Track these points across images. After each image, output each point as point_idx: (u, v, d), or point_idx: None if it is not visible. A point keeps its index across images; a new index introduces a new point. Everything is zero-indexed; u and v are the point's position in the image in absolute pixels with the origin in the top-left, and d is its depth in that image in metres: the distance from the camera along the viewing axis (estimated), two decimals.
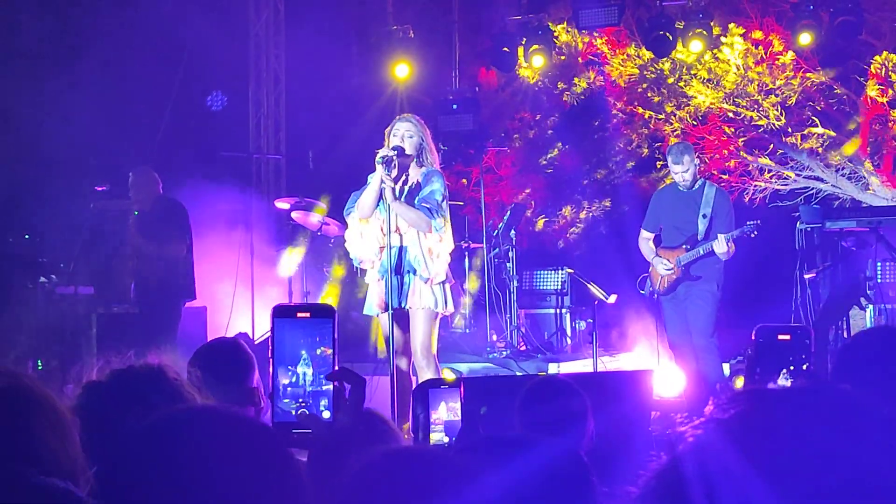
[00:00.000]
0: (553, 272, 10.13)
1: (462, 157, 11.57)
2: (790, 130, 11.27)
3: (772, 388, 1.13)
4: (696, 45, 10.17)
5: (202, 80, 10.73)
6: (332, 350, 2.11)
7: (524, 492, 1.20)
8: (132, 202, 8.09)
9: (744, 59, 11.03)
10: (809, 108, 11.16)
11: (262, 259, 9.78)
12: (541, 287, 10.15)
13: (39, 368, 8.02)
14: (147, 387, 2.16)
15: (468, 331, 9.46)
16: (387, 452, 1.32)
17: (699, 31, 10.04)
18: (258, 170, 11.31)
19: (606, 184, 12.38)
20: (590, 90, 11.92)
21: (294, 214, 9.13)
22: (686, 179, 7.14)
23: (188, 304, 8.25)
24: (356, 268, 6.12)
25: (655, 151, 11.73)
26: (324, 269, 9.58)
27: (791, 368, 2.43)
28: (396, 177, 5.61)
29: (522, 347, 9.43)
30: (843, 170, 11.32)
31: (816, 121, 11.23)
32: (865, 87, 10.94)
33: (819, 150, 11.29)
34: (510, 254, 9.73)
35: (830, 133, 11.21)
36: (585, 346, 9.13)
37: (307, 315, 2.15)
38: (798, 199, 11.28)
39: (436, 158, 5.88)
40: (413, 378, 5.64)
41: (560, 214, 12.42)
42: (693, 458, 1.05)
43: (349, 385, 2.14)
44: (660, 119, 11.57)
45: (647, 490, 1.09)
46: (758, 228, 7.01)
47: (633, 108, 11.77)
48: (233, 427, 1.38)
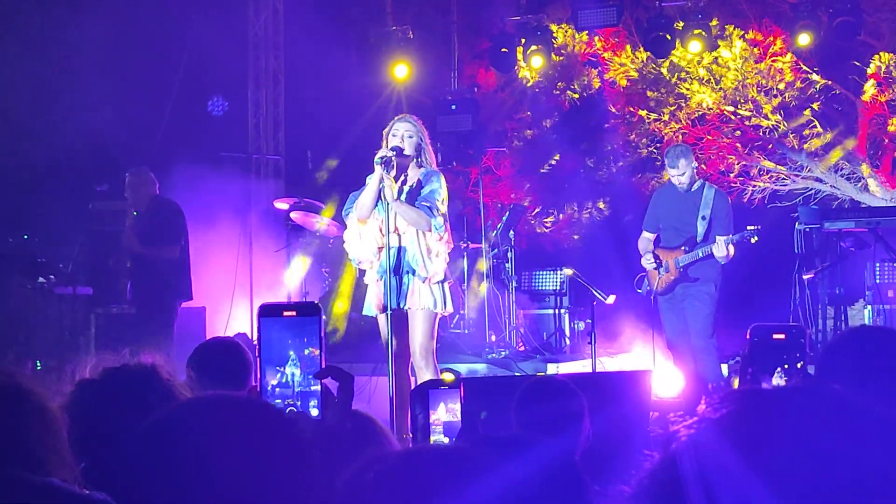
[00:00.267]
0: (552, 273, 10.12)
1: (461, 158, 11.57)
2: (789, 131, 11.27)
3: (764, 388, 1.14)
4: (695, 46, 10.17)
5: (202, 81, 10.73)
6: (320, 350, 2.10)
7: (514, 495, 1.20)
8: (128, 203, 8.10)
9: (743, 60, 11.03)
10: (809, 109, 11.15)
11: (262, 259, 9.79)
12: (539, 287, 10.15)
13: (38, 368, 8.02)
14: (140, 386, 2.17)
15: (467, 331, 9.45)
16: (383, 456, 1.32)
17: (698, 32, 10.04)
18: (257, 170, 11.31)
19: (605, 184, 12.38)
20: (588, 91, 11.92)
21: (293, 215, 9.14)
22: (682, 183, 7.10)
23: (186, 305, 8.25)
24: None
25: (654, 152, 11.73)
26: (323, 270, 9.58)
27: (786, 367, 2.42)
28: (395, 177, 5.61)
29: (521, 348, 9.43)
30: (842, 170, 11.32)
31: (815, 122, 11.23)
32: (864, 88, 10.95)
33: (818, 151, 11.30)
34: (509, 254, 9.72)
35: (828, 136, 11.22)
36: (584, 347, 9.13)
37: (293, 313, 2.14)
38: (797, 200, 11.28)
39: (434, 158, 5.89)
40: (412, 379, 5.63)
41: (559, 215, 12.42)
42: (686, 458, 1.06)
43: (337, 382, 2.14)
44: (658, 120, 11.57)
45: (640, 489, 1.09)
46: (758, 233, 6.97)
47: (632, 109, 11.77)
48: (244, 411, 1.38)
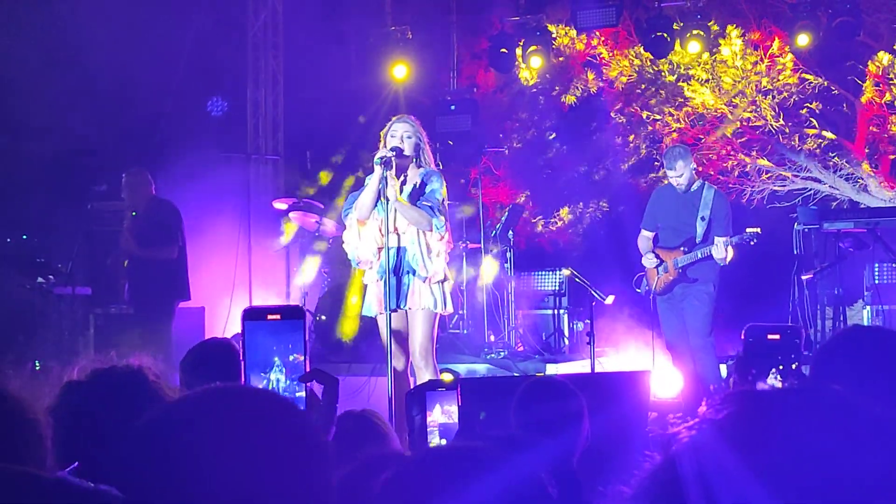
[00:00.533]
0: (551, 273, 10.12)
1: (460, 158, 11.57)
2: (788, 132, 11.27)
3: (765, 389, 1.14)
4: (694, 46, 10.17)
5: (201, 81, 10.73)
6: (304, 356, 2.09)
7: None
8: (126, 204, 8.11)
9: (742, 60, 11.03)
10: (807, 110, 11.16)
11: (260, 260, 9.78)
12: (538, 288, 10.14)
13: (37, 368, 8.02)
14: (126, 387, 2.17)
15: (466, 332, 9.45)
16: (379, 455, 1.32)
17: (697, 32, 10.05)
18: (256, 170, 11.30)
19: (604, 184, 12.37)
20: (588, 91, 11.92)
21: (292, 215, 9.14)
22: (681, 184, 7.10)
23: (185, 305, 8.25)
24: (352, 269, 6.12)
25: (653, 152, 11.72)
26: (322, 271, 9.57)
27: (780, 368, 2.42)
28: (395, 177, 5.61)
29: (520, 348, 9.42)
30: (841, 171, 11.32)
31: (814, 122, 11.24)
32: (863, 89, 10.95)
33: (817, 152, 11.30)
34: (508, 255, 9.72)
35: (828, 135, 11.22)
36: (583, 347, 9.12)
37: (277, 317, 2.13)
38: (796, 200, 11.28)
39: (432, 158, 5.89)
40: (411, 379, 5.63)
41: (558, 215, 12.42)
42: (687, 459, 1.05)
43: (322, 385, 2.14)
44: (657, 120, 11.58)
45: (641, 490, 1.09)
46: (757, 237, 6.97)
47: (631, 110, 11.77)
48: (257, 402, 1.37)
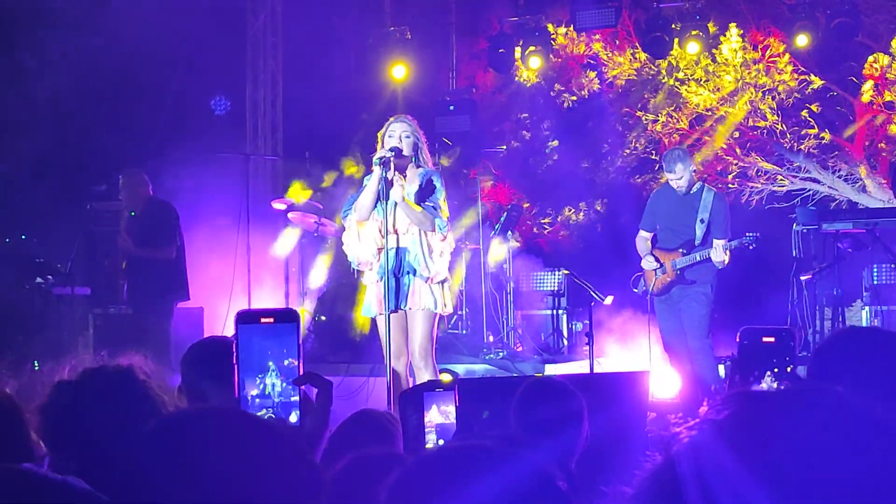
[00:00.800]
0: (549, 273, 10.12)
1: (459, 159, 11.57)
2: (786, 132, 11.28)
3: (766, 390, 1.14)
4: (693, 47, 10.18)
5: (200, 81, 10.73)
6: (298, 360, 2.08)
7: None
8: (123, 204, 8.11)
9: (740, 61, 11.04)
10: (807, 111, 11.16)
11: (260, 260, 9.78)
12: (537, 288, 10.14)
13: (36, 368, 8.01)
14: (116, 387, 2.18)
15: (465, 332, 9.45)
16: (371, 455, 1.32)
17: (696, 33, 10.05)
18: (255, 171, 11.29)
19: (603, 185, 12.37)
20: (587, 92, 11.92)
21: (290, 215, 9.14)
22: (680, 186, 7.08)
23: (183, 305, 8.25)
24: (353, 269, 6.11)
25: (652, 153, 11.73)
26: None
27: (775, 370, 2.42)
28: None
29: (519, 349, 9.42)
30: (840, 171, 11.33)
31: (813, 122, 11.24)
32: (862, 90, 10.95)
33: (815, 152, 11.30)
34: (507, 255, 9.72)
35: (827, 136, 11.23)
36: (582, 348, 9.12)
37: (271, 320, 2.11)
38: (795, 201, 11.28)
39: (430, 158, 5.89)
40: (410, 379, 5.63)
41: (557, 216, 12.42)
42: (688, 459, 1.05)
43: (316, 389, 2.14)
44: (656, 120, 11.58)
45: (642, 490, 1.09)
46: (756, 241, 6.97)
47: (630, 110, 11.78)
48: (250, 428, 1.37)
